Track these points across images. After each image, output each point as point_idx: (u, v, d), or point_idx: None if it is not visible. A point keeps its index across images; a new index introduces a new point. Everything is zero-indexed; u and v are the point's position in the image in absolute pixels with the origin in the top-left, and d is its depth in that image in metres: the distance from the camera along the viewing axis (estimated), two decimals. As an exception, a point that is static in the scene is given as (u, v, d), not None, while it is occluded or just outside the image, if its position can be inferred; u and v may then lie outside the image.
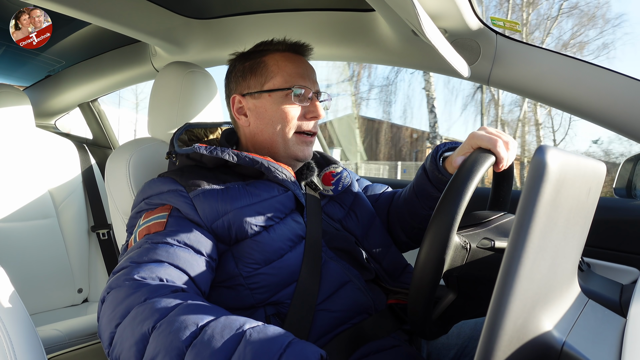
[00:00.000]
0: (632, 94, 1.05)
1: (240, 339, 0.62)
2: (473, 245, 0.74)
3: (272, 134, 1.00)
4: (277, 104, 0.99)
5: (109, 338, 0.68)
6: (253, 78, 1.02)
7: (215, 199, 0.87)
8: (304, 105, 1.00)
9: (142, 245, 0.80)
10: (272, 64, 1.01)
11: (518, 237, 0.44)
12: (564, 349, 0.50)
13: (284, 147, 1.00)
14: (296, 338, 0.63)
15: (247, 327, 0.64)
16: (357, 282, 0.90)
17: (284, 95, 0.99)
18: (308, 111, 1.00)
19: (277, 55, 1.02)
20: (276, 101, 0.99)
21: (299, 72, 1.00)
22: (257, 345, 0.60)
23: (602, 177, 0.67)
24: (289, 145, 1.00)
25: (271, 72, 1.00)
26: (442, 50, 0.90)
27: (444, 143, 1.00)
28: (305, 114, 1.00)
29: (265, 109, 1.00)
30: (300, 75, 1.00)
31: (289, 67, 1.00)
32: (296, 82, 0.99)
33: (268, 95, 1.00)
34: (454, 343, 0.97)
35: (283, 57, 1.02)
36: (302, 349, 0.60)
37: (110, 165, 1.15)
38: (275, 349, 0.60)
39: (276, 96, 0.99)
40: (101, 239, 1.93)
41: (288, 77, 0.99)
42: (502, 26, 1.15)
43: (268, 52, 1.04)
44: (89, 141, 2.50)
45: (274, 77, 1.00)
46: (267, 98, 1.00)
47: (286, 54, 1.03)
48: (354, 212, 1.06)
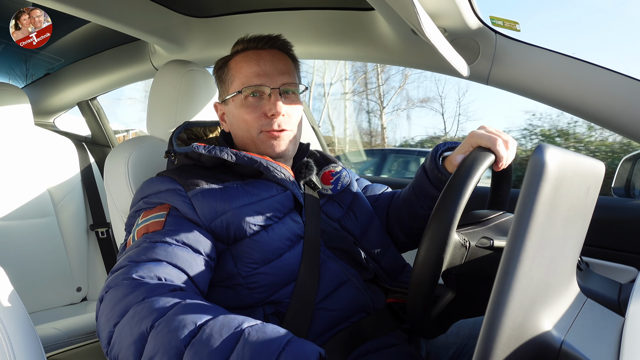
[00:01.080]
0: (631, 93, 1.05)
1: (239, 337, 0.61)
2: (472, 244, 0.74)
3: (242, 137, 1.00)
4: (237, 107, 0.99)
5: (107, 337, 0.68)
6: (222, 85, 1.04)
7: (214, 199, 0.87)
8: (263, 105, 0.97)
9: (140, 245, 0.79)
10: (233, 67, 1.01)
11: (517, 236, 0.44)
12: (563, 347, 0.50)
13: (255, 147, 0.99)
14: (295, 337, 0.63)
15: (245, 326, 0.63)
16: (355, 281, 0.90)
17: (241, 98, 0.98)
18: (267, 110, 0.97)
19: (238, 57, 1.01)
20: (237, 105, 0.99)
21: (254, 70, 0.98)
22: (256, 344, 0.60)
23: (601, 176, 0.67)
24: (259, 145, 0.98)
25: (232, 76, 1.01)
26: (441, 49, 0.90)
27: (444, 142, 1.00)
28: (265, 112, 0.97)
29: (232, 114, 1.01)
30: (256, 74, 0.98)
31: (244, 68, 0.99)
32: (250, 82, 0.97)
33: (232, 100, 1.01)
34: (453, 342, 0.97)
35: (242, 58, 1.01)
36: (300, 347, 0.60)
37: (109, 163, 1.15)
38: (274, 348, 0.59)
39: (236, 100, 0.99)
40: (100, 237, 1.92)
41: (244, 79, 0.98)
42: (501, 25, 1.15)
43: (234, 54, 1.03)
44: (88, 140, 2.49)
45: (234, 81, 1.00)
46: (231, 103, 1.01)
47: (245, 54, 1.01)
48: (353, 212, 1.06)
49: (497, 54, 1.17)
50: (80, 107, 2.42)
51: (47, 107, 2.42)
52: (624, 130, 1.08)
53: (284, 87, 0.98)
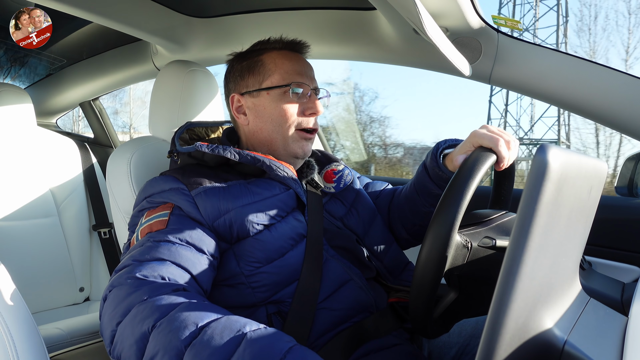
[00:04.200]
0: (634, 92, 1.05)
1: (240, 341, 0.61)
2: (474, 244, 0.74)
3: (271, 131, 1.00)
4: (275, 101, 0.99)
5: (110, 336, 0.68)
6: (251, 77, 1.02)
7: (217, 198, 0.87)
8: (302, 102, 1.00)
9: (144, 244, 0.80)
10: (269, 62, 1.01)
11: (519, 236, 0.44)
12: (566, 347, 0.50)
13: (284, 144, 1.00)
14: (297, 344, 0.62)
15: (247, 330, 0.63)
16: (358, 280, 0.90)
17: (282, 92, 0.99)
18: (307, 108, 1.00)
19: (274, 54, 1.02)
20: (274, 99, 0.99)
21: (297, 69, 1.00)
22: (257, 350, 0.59)
23: (603, 176, 0.67)
24: (289, 143, 1.00)
25: (269, 70, 1.01)
26: (443, 49, 0.90)
27: (445, 140, 1.00)
28: (304, 110, 1.00)
29: (264, 107, 1.00)
30: (298, 73, 1.00)
31: (286, 64, 1.00)
32: (294, 79, 0.99)
33: (266, 93, 1.00)
34: (455, 342, 0.97)
35: (280, 55, 1.02)
36: (303, 356, 0.59)
37: (111, 164, 1.15)
38: (275, 354, 0.59)
39: (274, 94, 0.99)
40: (102, 237, 1.93)
41: (285, 75, 0.99)
42: (503, 24, 1.15)
43: (265, 50, 1.04)
44: (90, 140, 2.50)
45: (272, 75, 1.00)
46: (265, 96, 1.00)
47: (283, 52, 1.03)
48: (356, 210, 1.06)
49: (499, 53, 1.16)
50: (82, 107, 2.43)
51: (49, 107, 2.43)
52: (626, 129, 1.08)
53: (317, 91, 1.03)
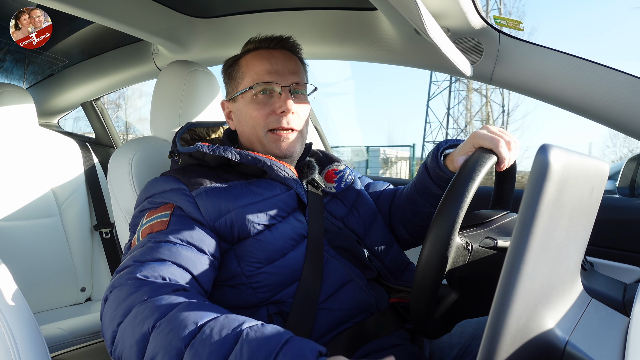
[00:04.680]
0: (635, 92, 1.04)
1: (238, 338, 0.61)
2: (475, 245, 0.74)
3: (249, 134, 1.01)
4: (246, 104, 1.00)
5: (111, 337, 0.68)
6: (231, 82, 1.05)
7: (218, 198, 0.87)
8: (272, 102, 0.98)
9: (145, 244, 0.80)
10: (243, 65, 1.02)
11: (521, 237, 0.44)
12: (567, 348, 0.50)
13: (261, 145, 1.00)
14: (294, 336, 0.63)
15: (245, 327, 0.63)
16: (359, 280, 0.90)
17: (251, 94, 0.99)
18: (277, 107, 0.97)
19: (249, 56, 1.03)
20: (246, 102, 1.00)
21: (265, 68, 0.99)
22: (254, 344, 0.60)
23: (605, 176, 0.67)
24: (265, 144, 0.99)
25: (242, 73, 1.02)
26: (444, 49, 0.90)
27: (445, 140, 1.00)
28: (275, 110, 0.98)
29: (240, 111, 1.02)
30: (267, 72, 0.99)
31: (256, 65, 1.00)
32: (261, 79, 0.98)
33: (241, 97, 1.01)
34: (457, 342, 0.96)
35: (254, 56, 1.02)
36: (299, 346, 0.60)
37: (112, 164, 1.15)
38: (272, 347, 0.59)
39: (246, 97, 1.00)
40: (104, 237, 1.93)
41: (255, 76, 0.99)
42: (505, 25, 1.15)
43: (245, 53, 1.04)
44: (92, 140, 2.50)
45: (244, 78, 1.01)
46: (240, 100, 1.01)
47: (257, 52, 1.02)
48: (357, 210, 1.06)
49: (500, 54, 1.16)
50: (84, 107, 2.43)
51: (51, 107, 2.43)
52: (628, 130, 1.08)
53: (294, 87, 1.00)
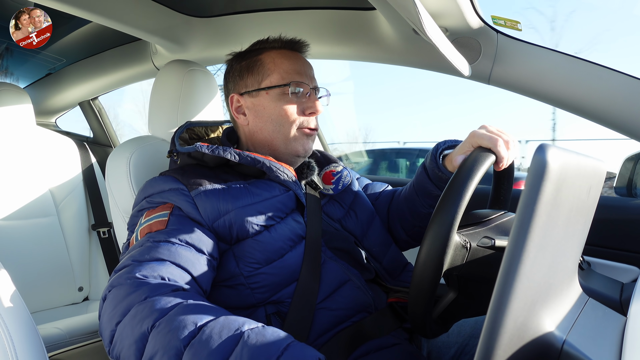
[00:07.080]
0: (633, 92, 1.05)
1: (239, 340, 0.61)
2: (473, 244, 0.74)
3: (271, 131, 1.00)
4: (274, 101, 0.99)
5: (109, 336, 0.68)
6: (250, 77, 1.02)
7: (217, 198, 0.87)
8: (301, 102, 1.00)
9: (143, 244, 0.80)
10: (268, 61, 1.01)
11: (518, 236, 0.44)
12: (565, 347, 0.50)
13: (285, 143, 1.00)
14: (295, 340, 0.63)
15: (245, 329, 0.63)
16: (356, 281, 0.91)
17: (282, 92, 0.99)
18: (306, 107, 0.99)
19: (273, 53, 1.02)
20: (274, 99, 0.99)
21: (296, 68, 1.00)
22: (255, 348, 0.60)
23: (602, 176, 0.67)
24: (290, 142, 0.99)
25: (268, 69, 1.00)
26: (443, 49, 0.90)
27: (444, 141, 1.00)
28: (304, 110, 0.99)
29: (263, 107, 1.00)
30: (297, 72, 1.00)
31: (285, 64, 1.00)
32: (293, 78, 0.99)
33: (265, 93, 1.00)
34: (454, 341, 0.97)
35: (279, 54, 1.02)
36: (300, 352, 0.60)
37: (110, 163, 1.15)
38: (273, 352, 0.59)
39: (273, 93, 0.99)
40: (102, 237, 1.93)
41: (285, 74, 0.99)
42: (503, 25, 1.15)
43: (264, 50, 1.04)
44: (90, 139, 2.50)
45: (271, 74, 1.00)
46: (264, 96, 1.00)
47: (282, 51, 1.03)
48: (354, 211, 1.06)
49: (498, 54, 1.16)
50: (81, 107, 2.43)
51: (48, 107, 2.43)
52: (625, 129, 1.08)
53: (317, 91, 1.03)
